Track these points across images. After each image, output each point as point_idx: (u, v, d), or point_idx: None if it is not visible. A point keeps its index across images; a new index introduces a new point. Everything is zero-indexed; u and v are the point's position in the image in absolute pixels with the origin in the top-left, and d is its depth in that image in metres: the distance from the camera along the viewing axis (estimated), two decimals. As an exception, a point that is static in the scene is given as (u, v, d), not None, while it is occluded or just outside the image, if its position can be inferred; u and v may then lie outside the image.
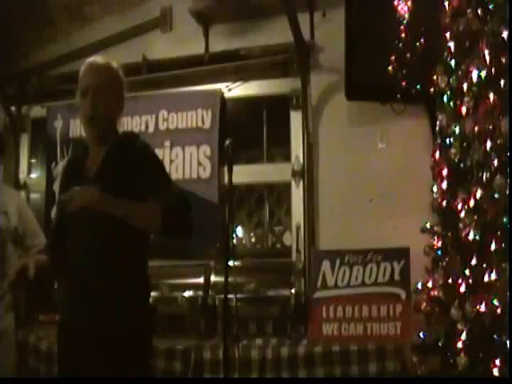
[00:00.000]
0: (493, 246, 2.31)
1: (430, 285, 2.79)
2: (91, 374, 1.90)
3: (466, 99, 2.55)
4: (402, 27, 3.39)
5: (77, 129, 4.27)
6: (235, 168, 2.63)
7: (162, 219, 1.91)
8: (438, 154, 2.84)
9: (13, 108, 4.53)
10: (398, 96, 3.43)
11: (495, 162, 2.36)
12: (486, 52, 2.43)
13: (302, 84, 3.84)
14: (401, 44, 3.38)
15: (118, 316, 1.94)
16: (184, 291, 3.59)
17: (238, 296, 2.66)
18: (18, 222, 3.24)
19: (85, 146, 2.15)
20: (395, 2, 3.40)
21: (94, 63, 2.07)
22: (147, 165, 2.00)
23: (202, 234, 3.77)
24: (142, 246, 2.08)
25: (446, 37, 2.77)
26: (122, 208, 1.91)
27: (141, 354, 1.99)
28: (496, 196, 2.32)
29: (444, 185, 2.75)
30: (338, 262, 3.41)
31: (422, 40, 3.32)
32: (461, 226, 2.50)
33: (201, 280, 3.64)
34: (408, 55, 3.36)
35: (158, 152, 1.97)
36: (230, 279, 2.51)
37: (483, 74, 2.44)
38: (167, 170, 2.29)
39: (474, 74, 2.47)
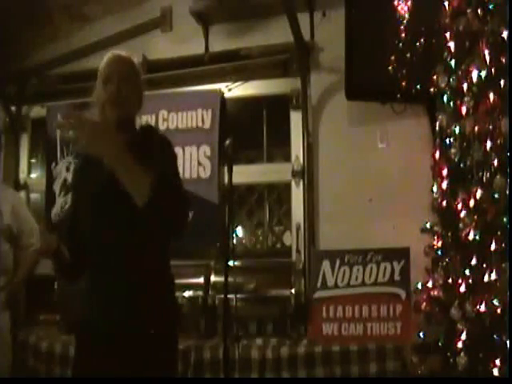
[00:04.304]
0: (493, 246, 2.32)
1: (430, 285, 2.79)
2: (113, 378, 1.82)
3: (465, 99, 2.55)
4: (402, 27, 3.39)
5: (77, 129, 4.27)
6: (235, 168, 2.63)
7: (149, 189, 1.71)
8: (438, 154, 2.84)
9: (13, 108, 4.52)
10: (398, 96, 3.43)
11: (495, 162, 2.37)
12: (486, 52, 2.43)
13: (301, 84, 3.84)
14: (401, 44, 3.39)
15: (146, 317, 1.86)
16: (184, 291, 3.59)
17: (238, 296, 2.66)
18: (14, 220, 3.27)
19: None
20: (395, 2, 3.41)
21: (119, 54, 2.06)
22: (166, 157, 1.94)
23: (202, 234, 3.79)
24: (166, 244, 1.99)
25: (445, 37, 2.77)
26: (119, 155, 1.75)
27: (170, 356, 1.93)
28: (496, 196, 2.32)
29: (444, 185, 2.75)
30: (338, 262, 3.41)
31: (422, 40, 3.32)
32: (461, 225, 2.50)
33: (201, 280, 3.64)
34: (408, 55, 3.37)
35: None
36: (230, 279, 2.51)
37: (483, 74, 2.44)
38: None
39: (474, 74, 2.47)
